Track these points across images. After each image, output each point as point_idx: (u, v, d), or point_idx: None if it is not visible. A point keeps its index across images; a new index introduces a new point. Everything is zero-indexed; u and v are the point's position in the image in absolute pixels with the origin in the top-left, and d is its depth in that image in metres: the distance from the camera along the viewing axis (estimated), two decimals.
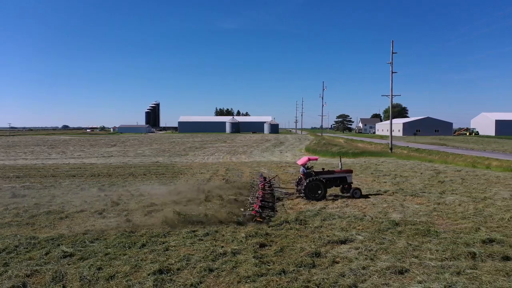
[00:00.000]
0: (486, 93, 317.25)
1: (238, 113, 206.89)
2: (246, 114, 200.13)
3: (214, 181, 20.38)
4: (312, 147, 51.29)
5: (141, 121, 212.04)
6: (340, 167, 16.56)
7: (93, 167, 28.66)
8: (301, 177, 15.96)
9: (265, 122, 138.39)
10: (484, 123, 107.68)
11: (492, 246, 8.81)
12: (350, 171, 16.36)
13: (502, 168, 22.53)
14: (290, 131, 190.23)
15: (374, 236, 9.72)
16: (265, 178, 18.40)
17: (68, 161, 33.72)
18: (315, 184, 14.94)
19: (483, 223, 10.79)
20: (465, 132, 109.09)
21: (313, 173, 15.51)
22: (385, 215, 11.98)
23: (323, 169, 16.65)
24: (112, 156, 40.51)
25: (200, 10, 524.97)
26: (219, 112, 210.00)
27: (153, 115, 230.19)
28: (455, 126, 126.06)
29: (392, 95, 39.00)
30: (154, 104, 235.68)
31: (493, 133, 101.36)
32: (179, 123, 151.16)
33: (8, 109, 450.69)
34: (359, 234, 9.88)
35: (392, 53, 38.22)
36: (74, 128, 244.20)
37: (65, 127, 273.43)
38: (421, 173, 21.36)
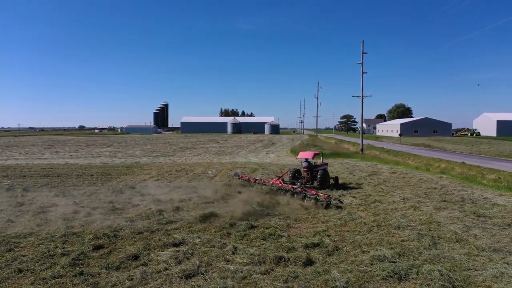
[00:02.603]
0: (489, 94, 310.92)
1: (243, 114, 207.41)
2: (251, 115, 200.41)
3: (147, 182, 20.51)
4: (296, 148, 51.25)
5: (150, 121, 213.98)
6: (321, 161, 19.10)
7: (63, 167, 28.71)
8: (296, 170, 17.72)
9: (266, 122, 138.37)
10: (486, 123, 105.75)
11: (311, 250, 8.74)
12: (327, 164, 19.25)
13: (441, 170, 22.16)
14: (294, 131, 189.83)
15: (212, 239, 9.71)
16: (237, 174, 19.27)
17: (53, 161, 33.67)
18: (326, 175, 17.10)
19: (337, 226, 10.69)
20: (466, 132, 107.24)
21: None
22: None
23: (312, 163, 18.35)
24: (100, 156, 40.62)
25: (208, 12, 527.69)
26: (224, 113, 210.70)
27: (161, 116, 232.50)
28: (459, 126, 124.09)
29: (362, 96, 38.66)
30: (162, 104, 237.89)
31: (494, 134, 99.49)
32: (182, 123, 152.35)
33: (28, 111, 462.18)
34: (199, 237, 9.88)
35: (363, 53, 37.88)
36: (89, 128, 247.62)
37: (81, 127, 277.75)
38: (354, 175, 21.19)
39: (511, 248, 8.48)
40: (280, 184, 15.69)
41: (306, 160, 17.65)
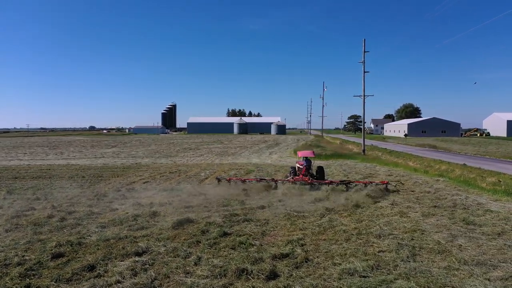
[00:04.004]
0: (500, 93, 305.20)
1: (250, 114, 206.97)
2: (258, 115, 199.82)
3: (135, 184, 20.03)
4: (299, 149, 50.61)
5: (159, 122, 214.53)
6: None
7: (61, 168, 28.31)
8: (298, 167, 18.42)
9: (272, 123, 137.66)
10: (496, 123, 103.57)
11: (279, 261, 8.11)
12: None
13: (440, 172, 21.31)
14: (301, 131, 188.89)
15: (178, 248, 9.13)
16: (218, 178, 18.98)
17: (54, 162, 33.44)
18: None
19: (314, 234, 10.02)
20: (475, 133, 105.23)
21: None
22: None
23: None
24: (103, 157, 40.32)
25: (215, 13, 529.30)
26: (231, 113, 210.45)
27: (169, 116, 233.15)
28: (469, 126, 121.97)
29: (364, 95, 37.80)
30: (170, 105, 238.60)
31: (505, 134, 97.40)
32: (188, 124, 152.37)
33: (40, 112, 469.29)
34: (165, 246, 9.31)
35: (364, 52, 37.07)
36: (99, 129, 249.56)
37: (92, 128, 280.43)
38: (348, 178, 20.45)
39: (496, 261, 7.74)
40: (311, 180, 16.90)
41: (307, 158, 18.86)
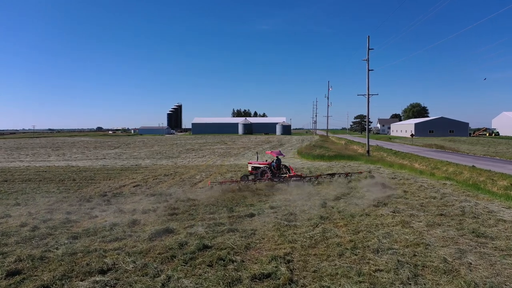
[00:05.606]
0: (509, 92, 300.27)
1: (255, 114, 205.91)
2: (263, 115, 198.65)
3: (124, 188, 19.10)
4: (302, 149, 49.55)
5: (164, 122, 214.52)
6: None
7: (58, 170, 27.58)
8: (269, 166, 19.53)
9: (277, 123, 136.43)
10: (506, 123, 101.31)
11: (258, 283, 7.04)
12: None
13: (447, 175, 20.04)
14: (307, 131, 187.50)
15: (148, 265, 8.06)
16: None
17: (55, 164, 32.81)
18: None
19: (304, 248, 8.89)
20: (484, 132, 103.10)
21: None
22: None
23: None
24: (105, 158, 39.61)
25: (221, 13, 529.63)
26: (236, 113, 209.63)
27: (175, 117, 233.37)
28: (477, 126, 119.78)
29: (368, 94, 36.56)
30: (176, 106, 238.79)
31: None
32: (193, 124, 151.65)
33: (49, 113, 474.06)
34: (135, 262, 8.26)
35: (368, 49, 35.83)
36: (106, 130, 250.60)
37: (99, 129, 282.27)
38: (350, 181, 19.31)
39: None
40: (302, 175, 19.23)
41: (277, 157, 20.27)
